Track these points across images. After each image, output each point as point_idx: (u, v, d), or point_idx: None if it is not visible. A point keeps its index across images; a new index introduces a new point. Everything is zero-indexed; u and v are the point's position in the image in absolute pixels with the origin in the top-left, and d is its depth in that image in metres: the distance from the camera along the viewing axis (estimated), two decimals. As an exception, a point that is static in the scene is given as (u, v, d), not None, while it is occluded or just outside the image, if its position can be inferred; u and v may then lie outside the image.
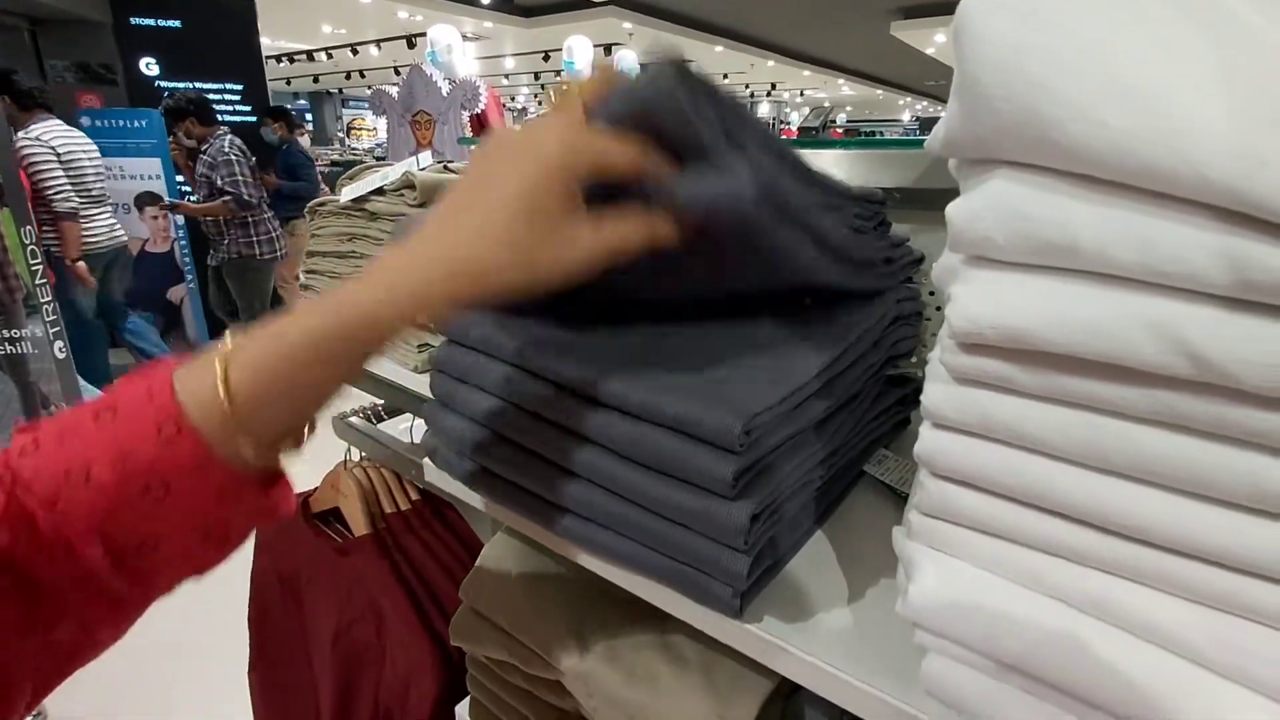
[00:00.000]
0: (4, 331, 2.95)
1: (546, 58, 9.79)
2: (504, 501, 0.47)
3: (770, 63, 11.33)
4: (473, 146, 0.64)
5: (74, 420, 0.31)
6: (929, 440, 0.31)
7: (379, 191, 0.83)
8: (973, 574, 0.32)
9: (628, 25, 8.18)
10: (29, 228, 3.02)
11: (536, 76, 11.05)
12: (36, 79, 4.60)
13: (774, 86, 15.01)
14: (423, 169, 0.81)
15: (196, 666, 1.87)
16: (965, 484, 0.31)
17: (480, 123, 3.43)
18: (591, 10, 7.75)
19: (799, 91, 16.25)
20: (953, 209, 0.26)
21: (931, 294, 0.60)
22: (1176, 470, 0.25)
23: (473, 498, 0.50)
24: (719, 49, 9.96)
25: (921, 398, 0.31)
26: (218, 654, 1.33)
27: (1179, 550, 0.26)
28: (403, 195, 0.80)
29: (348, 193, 0.86)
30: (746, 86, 15.23)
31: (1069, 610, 0.30)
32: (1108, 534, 0.28)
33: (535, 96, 16.82)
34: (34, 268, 3.03)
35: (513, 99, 17.37)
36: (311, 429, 0.36)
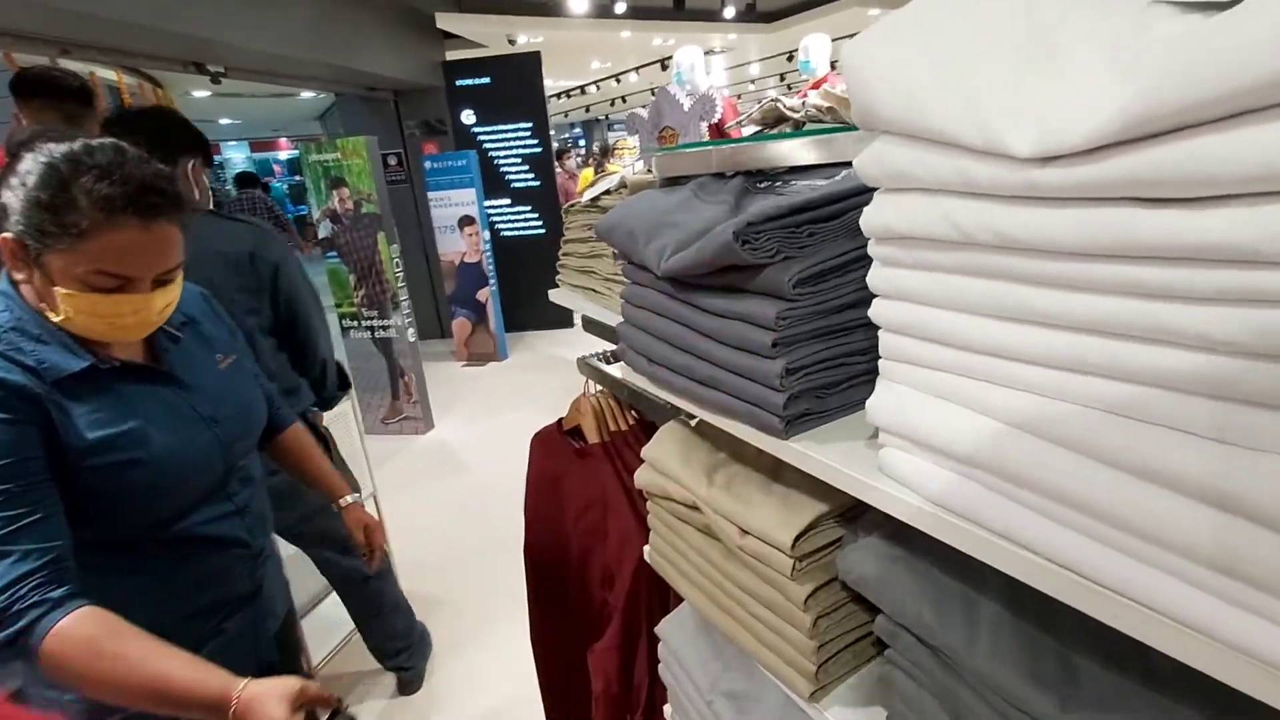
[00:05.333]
0: (380, 321, 4.11)
1: (790, 58, 9.88)
2: (650, 377, 0.75)
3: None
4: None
5: None
6: (875, 305, 0.50)
7: (608, 192, 1.17)
8: (906, 390, 0.50)
9: (874, 12, 7.89)
10: (395, 245, 4.14)
11: (782, 78, 11.19)
12: (396, 136, 6.19)
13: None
14: (635, 174, 1.12)
15: (481, 572, 2.51)
16: (896, 331, 0.49)
17: (718, 130, 3.75)
18: (833, 5, 7.65)
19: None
20: (858, 162, 0.46)
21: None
22: (990, 302, 0.42)
23: (638, 379, 0.79)
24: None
25: (867, 277, 0.50)
26: (503, 560, 1.82)
27: (1012, 357, 0.42)
28: (620, 193, 1.12)
29: (587, 194, 1.21)
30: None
31: (967, 410, 0.46)
32: (977, 353, 0.45)
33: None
34: (397, 274, 4.14)
35: (759, 101, 17.64)
36: None
